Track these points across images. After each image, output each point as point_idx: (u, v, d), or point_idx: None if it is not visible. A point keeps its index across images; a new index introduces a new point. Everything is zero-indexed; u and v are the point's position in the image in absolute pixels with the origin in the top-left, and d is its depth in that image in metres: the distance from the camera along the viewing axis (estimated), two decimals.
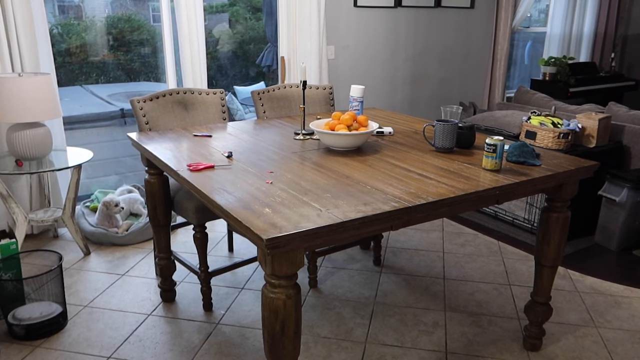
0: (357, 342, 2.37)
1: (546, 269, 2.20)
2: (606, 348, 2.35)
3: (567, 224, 2.13)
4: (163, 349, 2.30)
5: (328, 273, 2.99)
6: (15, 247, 2.50)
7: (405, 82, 4.97)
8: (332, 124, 2.22)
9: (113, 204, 3.28)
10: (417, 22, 4.85)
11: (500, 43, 5.41)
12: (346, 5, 4.37)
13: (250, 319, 2.54)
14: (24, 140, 2.87)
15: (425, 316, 2.58)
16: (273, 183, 1.78)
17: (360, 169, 1.94)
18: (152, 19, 5.05)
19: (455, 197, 1.67)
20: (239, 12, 6.27)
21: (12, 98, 2.75)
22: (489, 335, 2.43)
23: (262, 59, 6.13)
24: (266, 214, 1.50)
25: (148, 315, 2.55)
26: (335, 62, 4.41)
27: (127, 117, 5.26)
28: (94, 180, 4.43)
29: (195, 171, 1.90)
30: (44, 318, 2.36)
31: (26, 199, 3.27)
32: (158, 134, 2.47)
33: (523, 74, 6.76)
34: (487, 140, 1.91)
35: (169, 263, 2.61)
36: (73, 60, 4.73)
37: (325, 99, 3.20)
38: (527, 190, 1.90)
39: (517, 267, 3.08)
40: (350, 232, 1.50)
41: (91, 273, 2.95)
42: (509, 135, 3.59)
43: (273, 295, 1.46)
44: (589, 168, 2.03)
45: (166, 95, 2.71)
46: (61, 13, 4.67)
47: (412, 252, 3.25)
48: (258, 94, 3.00)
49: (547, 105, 4.08)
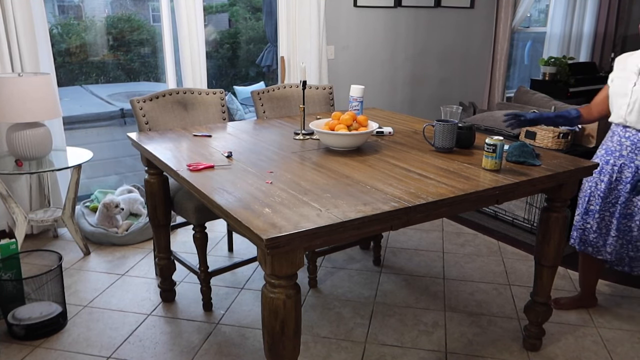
0: (356, 342, 2.37)
1: (546, 268, 2.20)
2: (606, 348, 2.35)
3: (566, 224, 2.13)
4: (163, 349, 2.30)
5: (328, 273, 2.99)
6: (15, 247, 2.50)
7: (405, 82, 4.97)
8: (331, 124, 2.22)
9: (113, 205, 3.28)
10: (417, 22, 4.85)
11: (500, 43, 5.41)
12: (346, 5, 4.37)
13: (250, 319, 2.54)
14: (24, 140, 2.87)
15: (425, 316, 2.58)
16: (273, 183, 1.78)
17: (360, 169, 1.94)
18: (151, 19, 5.05)
19: (455, 197, 1.67)
20: (239, 12, 6.28)
21: (12, 98, 2.75)
22: (489, 335, 2.43)
23: (262, 59, 6.13)
24: (266, 214, 1.50)
25: (148, 315, 2.55)
26: (335, 62, 4.41)
27: (126, 117, 5.26)
28: (94, 180, 4.43)
29: (195, 171, 1.90)
30: (44, 318, 2.36)
31: (26, 199, 3.27)
32: (158, 134, 2.47)
33: (523, 74, 6.76)
34: (487, 140, 1.91)
35: (168, 263, 2.61)
36: (73, 60, 4.73)
37: (325, 99, 3.20)
38: (527, 190, 1.90)
39: (516, 267, 3.08)
40: (350, 232, 1.50)
41: (91, 273, 2.95)
42: (509, 135, 3.59)
43: (273, 295, 1.46)
44: (588, 168, 2.03)
45: (166, 95, 2.71)
46: (61, 13, 4.67)
47: (411, 252, 3.25)
48: (258, 94, 3.00)
49: (547, 105, 4.08)
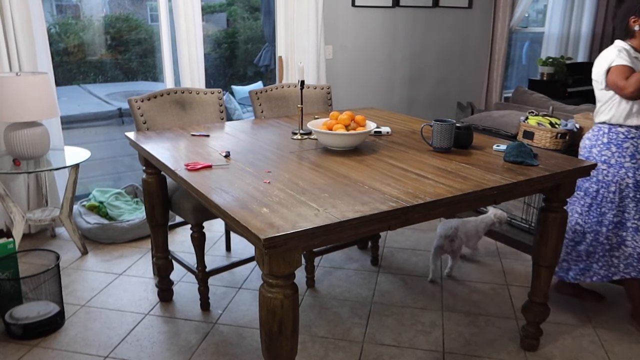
0: (354, 341, 2.37)
1: (544, 269, 2.20)
2: (603, 348, 2.35)
3: (564, 224, 2.13)
4: (160, 348, 2.30)
5: (326, 273, 2.99)
6: (13, 246, 2.50)
7: (403, 82, 4.97)
8: (329, 123, 2.22)
9: (504, 219, 3.09)
10: (415, 22, 4.86)
11: (498, 43, 5.42)
12: (344, 5, 4.37)
13: (248, 318, 2.54)
14: (22, 139, 2.87)
15: (423, 316, 2.58)
16: (271, 183, 1.78)
17: (358, 169, 1.94)
18: (149, 19, 5.04)
19: (452, 197, 1.67)
20: (237, 12, 6.27)
21: (9, 97, 2.75)
22: (487, 335, 2.43)
23: (260, 58, 6.13)
24: (264, 214, 1.50)
25: (145, 315, 2.55)
26: (333, 61, 4.41)
27: (124, 117, 5.25)
28: (92, 179, 4.42)
29: (192, 171, 1.90)
30: (42, 317, 2.35)
31: (24, 198, 3.26)
32: (156, 134, 2.46)
33: (521, 74, 6.77)
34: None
35: (166, 262, 2.61)
36: (71, 59, 4.72)
37: (323, 99, 3.20)
38: (524, 190, 1.90)
39: (514, 267, 3.09)
40: (347, 231, 1.50)
41: (89, 272, 2.95)
42: (507, 135, 3.60)
43: (270, 295, 1.46)
44: (586, 168, 2.03)
45: (164, 95, 2.70)
46: (59, 12, 4.66)
47: (409, 252, 3.25)
48: (256, 94, 3.00)
49: (545, 105, 4.09)
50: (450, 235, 2.84)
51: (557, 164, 2.03)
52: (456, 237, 2.86)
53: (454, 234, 2.85)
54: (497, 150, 2.22)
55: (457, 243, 2.88)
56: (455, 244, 2.87)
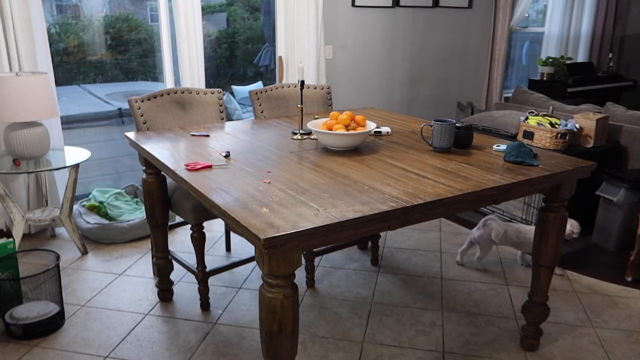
0: (354, 342, 2.37)
1: (543, 269, 2.20)
2: (603, 348, 2.35)
3: (564, 224, 2.13)
4: (160, 348, 2.30)
5: (326, 273, 2.99)
6: (13, 246, 2.50)
7: (403, 82, 4.97)
8: (329, 123, 2.22)
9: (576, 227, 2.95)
10: (415, 22, 4.86)
11: (498, 43, 5.42)
12: (344, 5, 4.37)
13: (248, 318, 2.54)
14: (22, 139, 2.87)
15: (423, 316, 2.58)
16: (271, 183, 1.78)
17: (358, 169, 1.94)
18: (149, 19, 5.04)
19: (452, 197, 1.67)
20: (237, 12, 6.27)
21: (9, 97, 2.75)
22: (487, 335, 2.43)
23: (260, 58, 6.13)
24: (264, 214, 1.50)
25: (145, 315, 2.55)
26: (333, 61, 4.41)
27: (124, 117, 5.25)
28: (92, 179, 4.42)
29: (192, 171, 1.90)
30: (41, 317, 2.35)
31: (24, 199, 3.26)
32: (156, 134, 2.46)
33: (521, 74, 6.77)
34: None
35: (166, 262, 2.61)
36: (71, 59, 4.72)
37: (322, 99, 3.20)
38: (524, 190, 1.90)
39: (514, 267, 3.09)
40: (347, 231, 1.50)
41: (88, 272, 2.95)
42: (507, 135, 3.60)
43: (270, 295, 1.46)
44: (586, 168, 2.03)
45: (164, 95, 2.70)
46: (59, 12, 4.66)
47: (409, 252, 3.25)
48: (256, 94, 3.00)
49: (545, 106, 4.09)
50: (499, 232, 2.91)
51: (557, 164, 2.03)
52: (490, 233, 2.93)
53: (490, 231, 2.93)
54: (497, 150, 2.22)
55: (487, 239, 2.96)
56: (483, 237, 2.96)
